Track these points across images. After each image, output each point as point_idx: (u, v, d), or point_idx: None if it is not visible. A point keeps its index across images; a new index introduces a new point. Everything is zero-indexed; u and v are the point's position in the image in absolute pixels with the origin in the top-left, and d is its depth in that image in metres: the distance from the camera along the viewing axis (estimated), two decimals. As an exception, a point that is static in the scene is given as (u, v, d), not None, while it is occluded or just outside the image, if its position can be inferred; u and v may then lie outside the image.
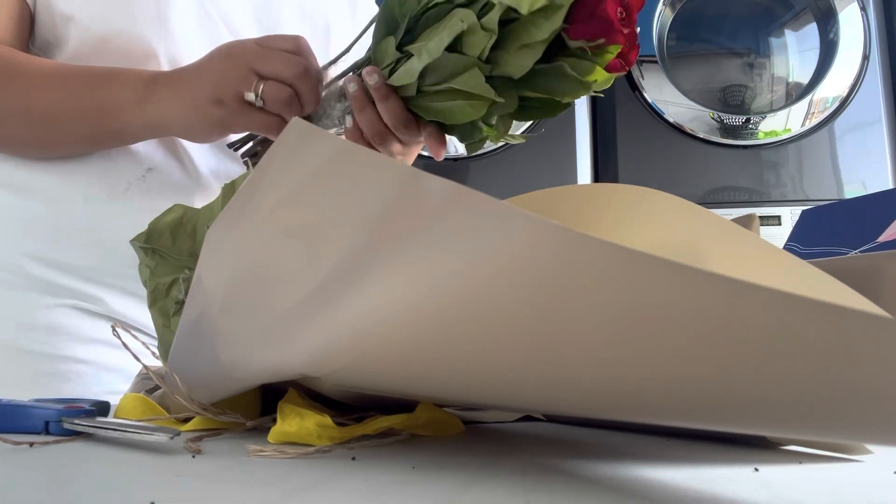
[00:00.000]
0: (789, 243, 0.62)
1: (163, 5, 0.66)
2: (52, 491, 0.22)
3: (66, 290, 0.65)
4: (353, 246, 0.24)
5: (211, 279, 0.32)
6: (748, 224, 0.41)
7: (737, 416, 0.20)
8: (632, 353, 0.19)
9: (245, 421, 0.35)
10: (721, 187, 1.74)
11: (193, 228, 0.43)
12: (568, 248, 0.18)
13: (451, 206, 0.20)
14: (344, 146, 0.24)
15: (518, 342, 0.21)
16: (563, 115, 1.89)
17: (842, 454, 0.31)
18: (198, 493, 0.22)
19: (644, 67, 1.79)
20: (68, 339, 0.65)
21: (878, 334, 0.15)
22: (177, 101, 0.59)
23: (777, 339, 0.16)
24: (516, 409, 0.38)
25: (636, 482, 0.24)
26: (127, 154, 0.66)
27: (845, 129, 1.72)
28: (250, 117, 0.58)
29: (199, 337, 0.33)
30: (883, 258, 0.37)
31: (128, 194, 0.66)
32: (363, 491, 0.22)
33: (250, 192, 0.27)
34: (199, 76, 0.59)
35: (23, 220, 0.65)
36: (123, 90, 0.61)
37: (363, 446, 0.31)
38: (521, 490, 0.22)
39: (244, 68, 0.57)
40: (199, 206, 0.46)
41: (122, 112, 0.61)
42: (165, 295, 0.43)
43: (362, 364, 0.27)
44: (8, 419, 0.33)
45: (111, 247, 0.64)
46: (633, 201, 0.37)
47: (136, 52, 0.65)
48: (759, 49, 1.85)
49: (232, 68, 0.57)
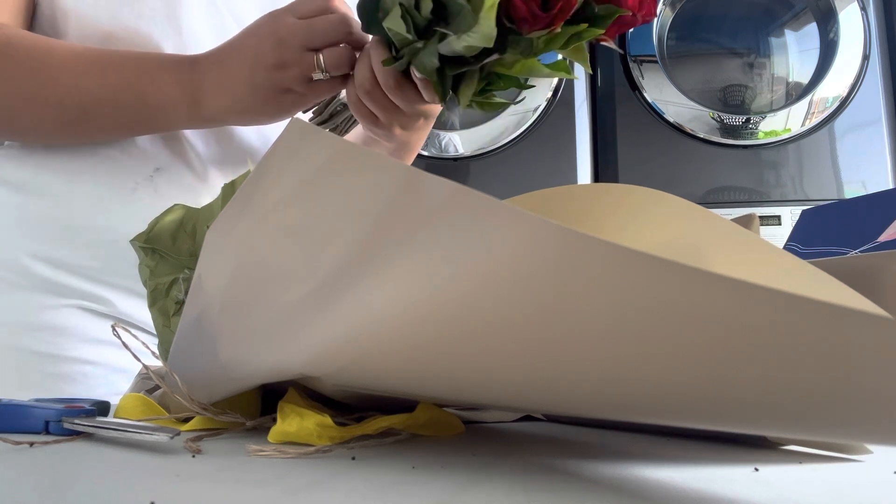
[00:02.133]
0: (789, 243, 0.62)
1: (172, 1, 0.66)
2: (52, 491, 0.22)
3: (72, 290, 0.64)
4: (352, 245, 0.24)
5: (211, 279, 0.32)
6: (748, 224, 0.41)
7: (737, 416, 0.20)
8: (632, 353, 0.19)
9: (245, 421, 0.35)
10: (721, 187, 1.74)
11: (193, 228, 0.43)
12: (568, 248, 0.18)
13: (451, 206, 0.20)
14: (344, 146, 0.24)
15: (518, 342, 0.21)
16: (563, 116, 1.89)
17: (842, 454, 0.31)
18: (198, 493, 0.22)
19: (644, 67, 1.79)
20: (74, 339, 0.64)
21: (878, 334, 0.15)
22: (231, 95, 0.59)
23: (777, 339, 0.16)
24: (516, 409, 0.38)
25: (636, 482, 0.24)
26: (134, 154, 0.66)
27: (845, 129, 1.72)
28: (320, 90, 0.59)
29: (199, 337, 0.33)
30: (883, 258, 0.37)
31: (135, 194, 0.65)
32: (363, 491, 0.22)
33: (250, 192, 0.27)
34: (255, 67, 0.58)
35: (29, 220, 0.65)
36: (168, 86, 0.60)
37: (363, 446, 0.31)
38: (521, 490, 0.22)
39: (299, 51, 0.57)
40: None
41: (170, 111, 0.61)
42: (165, 295, 0.43)
43: (362, 364, 0.27)
44: (8, 419, 0.33)
45: (118, 247, 0.63)
46: (633, 201, 0.37)
47: (141, 48, 0.65)
48: (759, 49, 1.85)
49: (288, 55, 0.57)
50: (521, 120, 1.80)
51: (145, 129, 0.64)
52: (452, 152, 1.83)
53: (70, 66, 0.60)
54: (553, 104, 1.80)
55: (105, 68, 0.60)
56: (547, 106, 1.80)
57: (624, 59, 1.81)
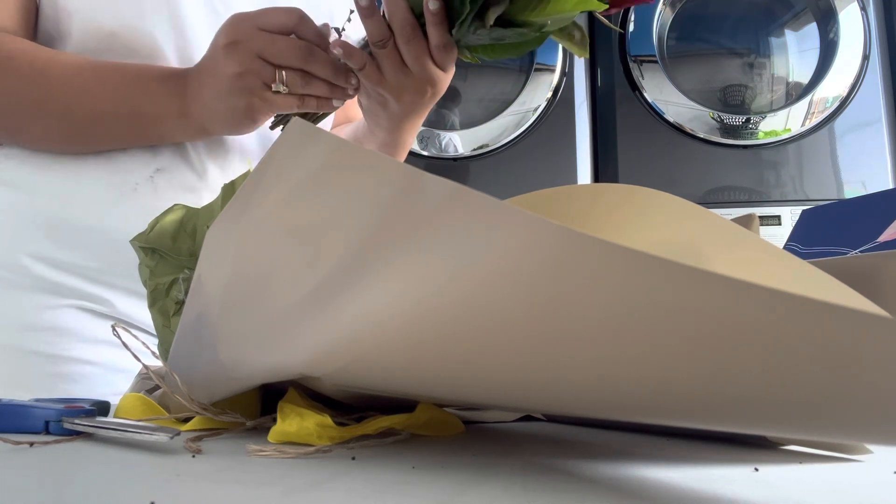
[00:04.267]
0: (789, 243, 0.62)
1: (174, 2, 0.66)
2: (52, 491, 0.22)
3: (72, 290, 0.64)
4: (352, 245, 0.24)
5: (211, 279, 0.32)
6: (748, 224, 0.41)
7: (737, 416, 0.20)
8: (632, 353, 0.19)
9: (245, 421, 0.35)
10: (721, 187, 1.74)
11: (193, 228, 0.43)
12: (568, 248, 0.18)
13: (451, 206, 0.20)
14: (344, 146, 0.24)
15: (518, 342, 0.21)
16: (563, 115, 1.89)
17: (842, 454, 0.31)
18: (198, 493, 0.22)
19: (644, 67, 1.79)
20: (74, 339, 0.64)
21: (878, 334, 0.15)
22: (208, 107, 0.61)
23: (777, 339, 0.16)
24: (516, 409, 0.38)
25: (636, 482, 0.24)
26: (135, 154, 0.66)
27: (845, 129, 1.72)
28: (283, 102, 0.60)
29: (199, 337, 0.33)
30: (883, 258, 0.37)
31: (136, 195, 0.65)
32: (363, 491, 0.22)
33: (250, 192, 0.27)
34: (218, 76, 0.59)
35: (29, 221, 0.65)
36: (163, 99, 0.62)
37: (363, 446, 0.31)
38: (521, 490, 0.22)
39: (251, 57, 0.57)
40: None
41: (164, 121, 0.63)
42: (165, 295, 0.43)
43: (362, 364, 0.27)
44: (8, 419, 0.33)
45: (118, 248, 0.63)
46: (634, 201, 0.37)
47: (143, 48, 0.65)
48: (759, 49, 1.85)
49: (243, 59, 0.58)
50: (521, 120, 1.80)
51: (148, 138, 0.65)
52: (452, 152, 1.83)
53: (70, 80, 0.62)
54: (553, 104, 1.80)
55: (104, 82, 0.62)
56: (547, 106, 1.80)
57: (624, 59, 1.81)
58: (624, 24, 1.81)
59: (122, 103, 0.62)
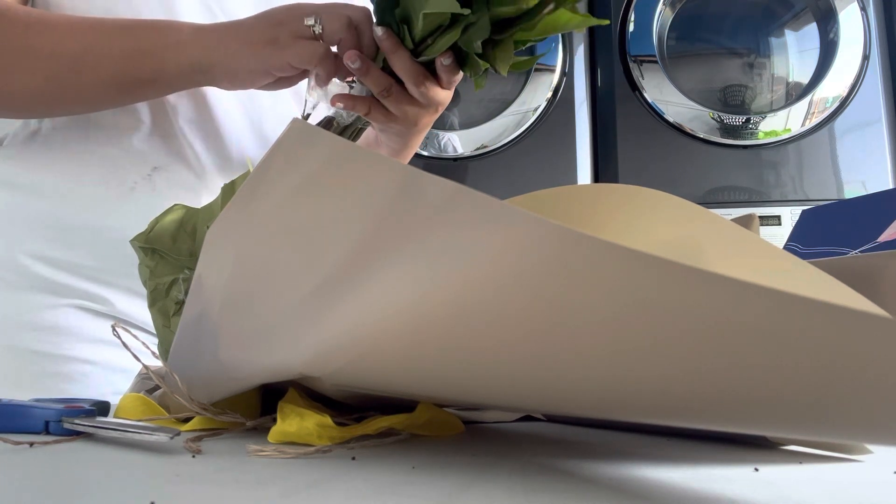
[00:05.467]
0: (789, 243, 0.62)
1: (169, 3, 0.66)
2: (52, 491, 0.22)
3: (72, 290, 0.64)
4: (352, 246, 0.24)
5: (211, 279, 0.32)
6: (748, 224, 0.41)
7: (737, 416, 0.20)
8: (632, 353, 0.19)
9: (245, 421, 0.35)
10: (721, 187, 1.74)
11: (193, 228, 0.43)
12: (569, 248, 0.18)
13: (452, 206, 0.20)
14: (344, 146, 0.24)
15: (518, 342, 0.21)
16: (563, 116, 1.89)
17: (842, 454, 0.31)
18: (198, 493, 0.22)
19: (644, 67, 1.79)
20: (74, 339, 0.64)
21: (878, 334, 0.15)
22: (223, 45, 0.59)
23: (777, 339, 0.16)
24: (516, 408, 0.38)
25: (636, 482, 0.24)
26: (132, 153, 0.66)
27: (845, 129, 1.72)
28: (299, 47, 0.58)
29: (199, 337, 0.33)
30: (883, 258, 0.37)
31: (133, 193, 0.65)
32: (363, 491, 0.22)
33: (251, 192, 0.27)
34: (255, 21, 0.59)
35: (27, 220, 0.65)
36: (168, 32, 0.60)
37: (363, 446, 0.31)
38: (521, 490, 0.22)
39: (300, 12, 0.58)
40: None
41: (164, 51, 0.60)
42: (165, 295, 0.43)
43: (362, 364, 0.27)
44: (8, 419, 0.33)
45: (117, 247, 0.63)
46: (634, 202, 0.37)
47: None
48: (759, 49, 1.84)
49: (288, 12, 0.58)
50: (521, 120, 1.80)
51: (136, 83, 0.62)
52: (452, 152, 1.83)
53: (64, 20, 0.61)
54: (553, 104, 1.80)
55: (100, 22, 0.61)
56: (547, 106, 1.80)
57: (624, 59, 1.81)
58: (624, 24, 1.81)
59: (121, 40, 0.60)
